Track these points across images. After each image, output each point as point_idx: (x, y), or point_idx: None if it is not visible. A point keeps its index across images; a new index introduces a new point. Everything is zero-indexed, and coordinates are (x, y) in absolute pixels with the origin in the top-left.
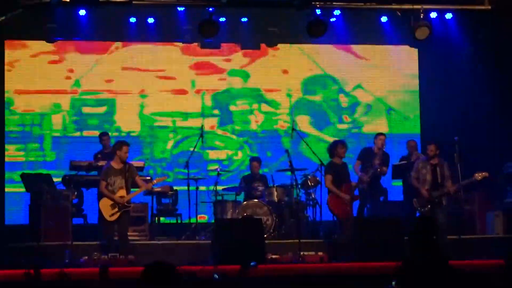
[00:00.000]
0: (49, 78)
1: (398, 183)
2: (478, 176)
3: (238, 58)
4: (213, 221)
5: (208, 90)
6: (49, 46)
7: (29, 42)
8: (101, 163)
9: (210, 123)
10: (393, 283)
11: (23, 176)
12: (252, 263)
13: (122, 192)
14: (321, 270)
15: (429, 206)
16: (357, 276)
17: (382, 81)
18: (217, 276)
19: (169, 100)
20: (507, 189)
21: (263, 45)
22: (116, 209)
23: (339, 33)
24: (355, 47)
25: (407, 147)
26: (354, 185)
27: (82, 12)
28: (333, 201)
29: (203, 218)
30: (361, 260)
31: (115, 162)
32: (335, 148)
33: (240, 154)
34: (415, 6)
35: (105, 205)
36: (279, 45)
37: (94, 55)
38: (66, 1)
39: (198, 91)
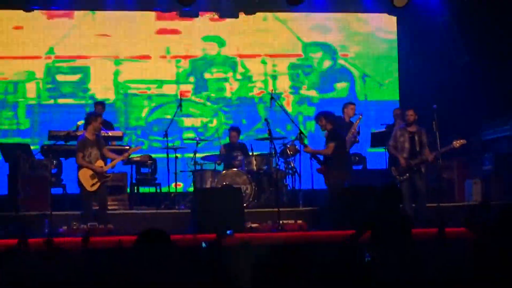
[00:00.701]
0: (23, 46)
1: (376, 150)
2: (456, 143)
3: (214, 25)
4: (191, 189)
5: (183, 57)
6: (25, 14)
7: (4, 11)
8: (79, 132)
9: (185, 90)
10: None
11: (1, 145)
12: (228, 232)
13: (100, 163)
14: (300, 239)
15: (407, 174)
16: (335, 244)
17: (359, 48)
18: (204, 245)
19: (143, 67)
20: (485, 156)
21: (241, 13)
22: (96, 179)
23: (317, 1)
24: (333, 15)
25: (393, 115)
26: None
27: None
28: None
29: (179, 185)
30: (340, 228)
31: (89, 133)
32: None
33: (215, 121)
34: None
35: (84, 175)
36: (257, 13)
37: (69, 22)
38: None
39: (173, 58)
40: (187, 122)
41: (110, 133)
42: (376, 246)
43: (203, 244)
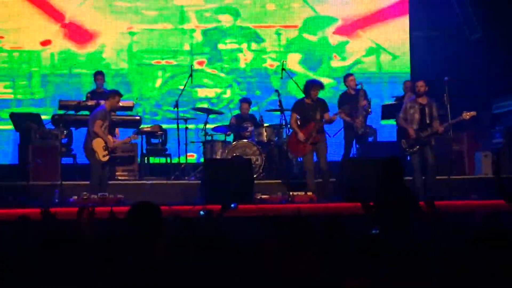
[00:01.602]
0: (37, 15)
1: (388, 122)
2: (466, 115)
3: None
4: (202, 160)
5: (197, 27)
6: None
7: None
8: (90, 102)
9: (198, 60)
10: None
11: (12, 115)
12: (232, 205)
13: (111, 138)
14: (310, 210)
15: (417, 146)
16: (345, 216)
17: (371, 21)
18: (202, 213)
19: (157, 37)
20: (496, 129)
21: None
22: (107, 152)
23: None
24: None
25: (403, 87)
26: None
27: None
28: (290, 140)
29: (192, 156)
30: (349, 200)
31: (107, 107)
32: (309, 88)
33: (228, 92)
34: None
35: (99, 145)
36: None
37: None
38: None
39: (187, 29)
40: (201, 93)
41: (121, 103)
42: (381, 218)
43: (201, 212)
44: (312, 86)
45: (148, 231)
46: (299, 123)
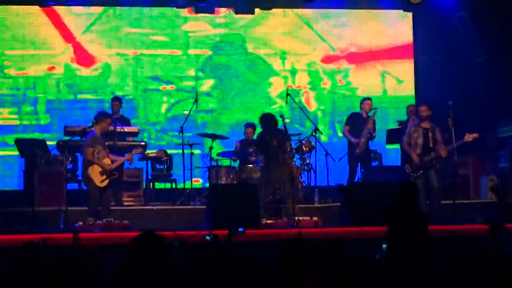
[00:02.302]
0: (43, 41)
1: (393, 146)
2: (469, 137)
3: (232, 22)
4: (207, 185)
5: (202, 53)
6: (43, 11)
7: (23, 7)
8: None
9: (203, 86)
10: (384, 245)
11: (17, 141)
12: (240, 229)
13: (108, 161)
14: (316, 235)
15: (421, 171)
16: (350, 241)
17: (376, 45)
18: (209, 238)
19: (163, 63)
20: (501, 153)
21: (257, 9)
22: (105, 176)
23: None
24: (349, 11)
25: (407, 111)
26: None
27: None
28: None
29: (197, 181)
30: (354, 225)
31: (98, 131)
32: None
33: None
34: None
35: (95, 172)
36: (273, 10)
37: (88, 19)
38: None
39: (191, 54)
40: (206, 117)
41: (126, 129)
42: (392, 241)
43: (207, 237)
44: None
45: (153, 261)
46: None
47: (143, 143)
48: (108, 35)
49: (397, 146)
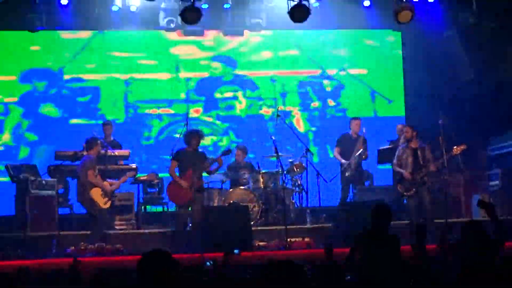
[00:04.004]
0: (34, 65)
1: (384, 167)
2: (457, 149)
3: (221, 44)
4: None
5: (192, 76)
6: (32, 36)
7: (11, 32)
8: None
9: (194, 109)
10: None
11: (8, 167)
12: (235, 251)
13: (107, 182)
14: (308, 256)
15: (413, 189)
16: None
17: (366, 65)
18: (209, 264)
19: (153, 87)
20: (492, 172)
21: (246, 31)
22: (107, 198)
23: (322, 17)
24: (338, 32)
25: (396, 131)
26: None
27: (64, 1)
28: (171, 188)
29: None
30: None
31: (93, 155)
32: (190, 138)
33: (224, 140)
34: None
35: (97, 193)
36: (263, 31)
37: (77, 43)
38: None
39: (182, 77)
40: None
41: (117, 152)
42: (364, 263)
43: (208, 263)
44: (193, 135)
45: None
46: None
47: (134, 167)
48: (98, 60)
49: (388, 166)
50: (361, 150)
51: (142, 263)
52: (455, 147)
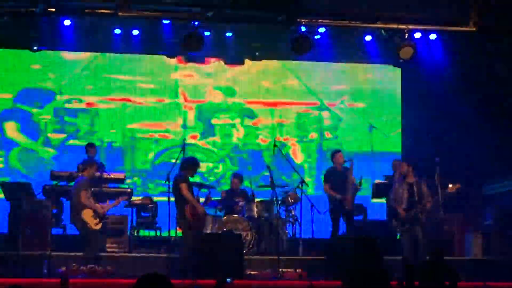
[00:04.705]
0: (32, 85)
1: (379, 200)
2: (452, 188)
3: (222, 72)
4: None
5: (191, 102)
6: (33, 55)
7: (12, 51)
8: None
9: (192, 135)
10: None
11: (2, 184)
12: (227, 279)
13: (99, 205)
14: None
15: (407, 225)
16: None
17: (364, 99)
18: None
19: (151, 111)
20: (486, 210)
21: (247, 60)
22: (98, 219)
23: (323, 50)
24: (338, 65)
25: (392, 167)
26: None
27: (67, 22)
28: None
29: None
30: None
31: (88, 176)
32: (192, 166)
33: (220, 167)
34: (400, 26)
35: (88, 215)
36: (263, 61)
37: (77, 64)
38: (52, 11)
39: (181, 103)
40: None
41: (112, 175)
42: None
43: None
44: (195, 165)
45: None
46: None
47: (129, 190)
48: (97, 81)
49: (383, 200)
50: (354, 183)
51: (138, 286)
52: (450, 185)
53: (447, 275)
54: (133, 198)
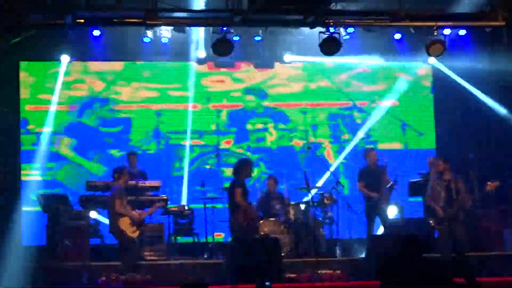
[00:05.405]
0: (65, 97)
1: (416, 199)
2: (491, 186)
3: (252, 76)
4: (230, 239)
5: (224, 107)
6: (64, 67)
7: (44, 63)
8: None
9: (225, 140)
10: None
11: (39, 196)
12: (267, 283)
13: (135, 212)
14: None
15: (445, 223)
16: None
17: (396, 97)
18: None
19: (184, 118)
20: None
21: (277, 63)
22: (135, 227)
23: (352, 50)
24: (369, 64)
25: (428, 164)
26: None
27: (96, 33)
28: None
29: (219, 235)
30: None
31: (122, 185)
32: (245, 167)
33: (255, 171)
34: (429, 23)
35: (125, 223)
36: (293, 64)
37: (109, 74)
38: (81, 22)
39: (213, 109)
40: (228, 172)
41: (148, 183)
42: None
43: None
44: (245, 165)
45: None
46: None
47: (165, 197)
48: (129, 91)
49: (419, 198)
50: (390, 182)
51: None
52: (489, 182)
53: (461, 272)
54: (169, 205)
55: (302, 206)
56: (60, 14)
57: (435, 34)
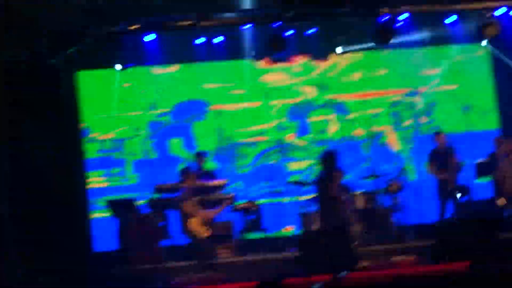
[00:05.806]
0: (125, 103)
1: (483, 180)
2: None
3: (310, 69)
4: (300, 232)
5: (283, 102)
6: (120, 73)
7: (101, 71)
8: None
9: (288, 134)
10: None
11: (109, 202)
12: (342, 273)
13: (203, 212)
14: (415, 274)
15: None
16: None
17: (456, 80)
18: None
19: (245, 115)
20: None
21: (333, 55)
22: (206, 227)
23: (408, 36)
24: (425, 49)
25: (494, 143)
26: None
27: (150, 37)
28: None
29: (289, 229)
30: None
31: (189, 186)
32: (329, 159)
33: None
34: (483, 5)
35: (196, 224)
36: (350, 54)
37: (166, 78)
38: (133, 29)
39: (273, 104)
40: (293, 166)
41: (214, 183)
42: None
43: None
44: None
45: None
46: None
47: (232, 195)
48: (189, 92)
49: (487, 179)
50: (457, 163)
51: None
52: None
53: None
54: (237, 203)
55: (370, 195)
56: (112, 22)
57: (490, 15)
